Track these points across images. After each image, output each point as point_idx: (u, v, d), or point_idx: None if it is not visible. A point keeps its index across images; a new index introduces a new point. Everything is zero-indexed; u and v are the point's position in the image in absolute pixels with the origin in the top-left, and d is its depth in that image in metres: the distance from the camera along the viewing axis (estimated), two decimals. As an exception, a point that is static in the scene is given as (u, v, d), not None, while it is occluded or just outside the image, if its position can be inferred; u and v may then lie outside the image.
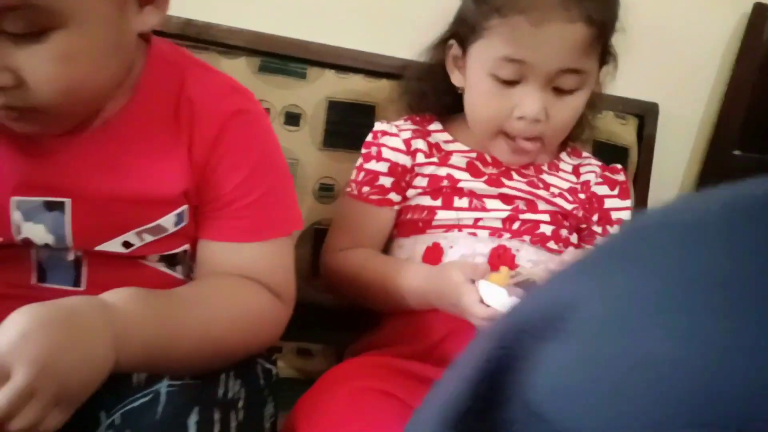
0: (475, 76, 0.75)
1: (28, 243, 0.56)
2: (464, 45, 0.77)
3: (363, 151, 0.84)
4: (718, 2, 1.10)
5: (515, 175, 0.81)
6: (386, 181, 0.81)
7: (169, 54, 0.61)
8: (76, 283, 0.58)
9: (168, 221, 0.59)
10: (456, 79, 0.81)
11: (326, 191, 0.93)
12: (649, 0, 1.01)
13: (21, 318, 0.43)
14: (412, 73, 0.87)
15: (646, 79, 1.08)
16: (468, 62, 0.77)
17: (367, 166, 0.82)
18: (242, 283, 0.59)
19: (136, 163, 0.57)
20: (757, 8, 1.07)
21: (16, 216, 0.55)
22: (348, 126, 0.96)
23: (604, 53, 0.75)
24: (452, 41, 0.79)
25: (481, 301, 0.65)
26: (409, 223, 0.82)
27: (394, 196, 0.81)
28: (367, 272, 0.77)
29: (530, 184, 0.81)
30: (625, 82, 0.86)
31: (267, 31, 0.95)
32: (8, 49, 0.46)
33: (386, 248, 0.85)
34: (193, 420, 0.51)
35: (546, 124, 0.74)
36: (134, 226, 0.58)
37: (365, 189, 0.81)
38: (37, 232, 0.56)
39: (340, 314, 0.90)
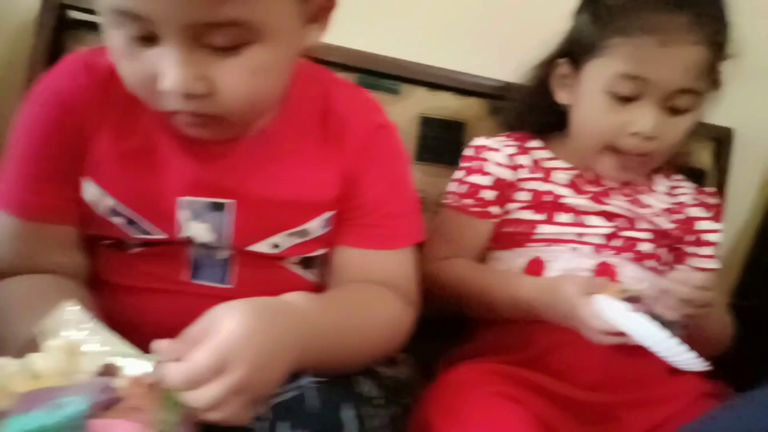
0: (589, 92, 0.78)
1: (187, 241, 0.59)
2: (577, 63, 0.80)
3: (463, 164, 0.87)
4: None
5: (615, 194, 0.83)
6: (488, 194, 0.83)
7: (311, 70, 0.65)
8: (225, 281, 0.61)
9: (315, 225, 0.63)
10: (561, 97, 0.83)
11: (417, 203, 0.96)
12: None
13: (245, 317, 0.45)
14: (514, 92, 0.90)
15: (722, 103, 1.10)
16: (581, 79, 0.79)
17: (469, 179, 0.85)
18: (384, 292, 0.62)
19: (290, 170, 0.61)
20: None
21: (182, 215, 0.59)
22: (438, 141, 0.99)
23: (714, 79, 0.78)
24: (561, 60, 0.82)
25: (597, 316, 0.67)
26: (507, 236, 0.84)
27: (494, 209, 0.84)
28: (471, 281, 0.79)
29: (630, 202, 0.83)
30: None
31: (363, 48, 0.99)
32: (208, 59, 0.49)
33: (481, 261, 0.87)
34: (347, 414, 0.53)
35: (657, 141, 0.77)
36: (286, 228, 0.61)
37: (466, 201, 0.84)
38: (200, 231, 0.59)
39: (424, 324, 0.92)
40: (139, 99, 0.57)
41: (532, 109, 0.88)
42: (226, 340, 0.44)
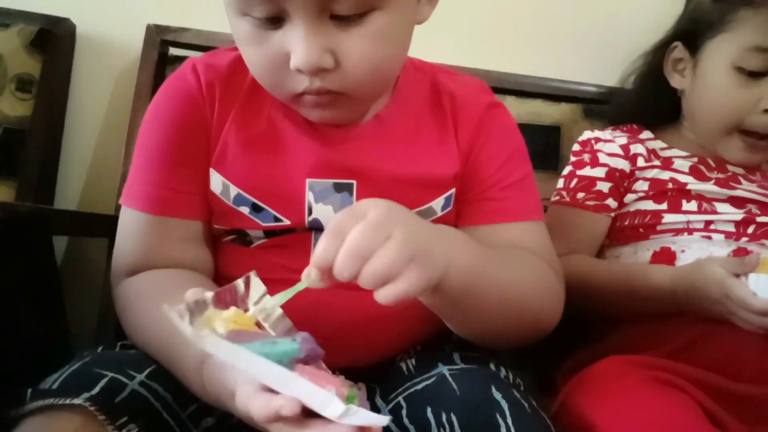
0: (713, 71, 0.75)
1: (313, 226, 0.58)
2: (695, 44, 0.77)
3: (573, 158, 0.83)
4: None
5: (743, 180, 0.78)
6: (604, 186, 0.79)
7: (415, 61, 0.67)
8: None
9: (438, 204, 0.61)
10: (677, 81, 0.80)
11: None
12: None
13: (377, 201, 0.45)
14: (616, 95, 0.88)
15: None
16: (702, 59, 0.76)
17: (581, 172, 0.81)
18: (533, 255, 0.58)
19: (411, 149, 0.60)
20: None
21: (309, 197, 0.58)
22: (535, 146, 0.97)
23: None
24: (677, 43, 0.79)
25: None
26: (627, 230, 0.79)
27: (611, 202, 0.79)
28: (598, 275, 0.74)
29: (761, 186, 0.77)
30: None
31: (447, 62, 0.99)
32: (333, 32, 0.49)
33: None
34: (498, 395, 0.48)
35: None
36: (410, 207, 0.58)
37: (580, 195, 0.80)
38: (326, 213, 0.58)
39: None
40: (261, 89, 0.57)
41: (642, 99, 0.84)
42: (377, 210, 0.43)
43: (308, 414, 0.38)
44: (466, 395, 0.49)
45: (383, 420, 0.36)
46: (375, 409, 0.55)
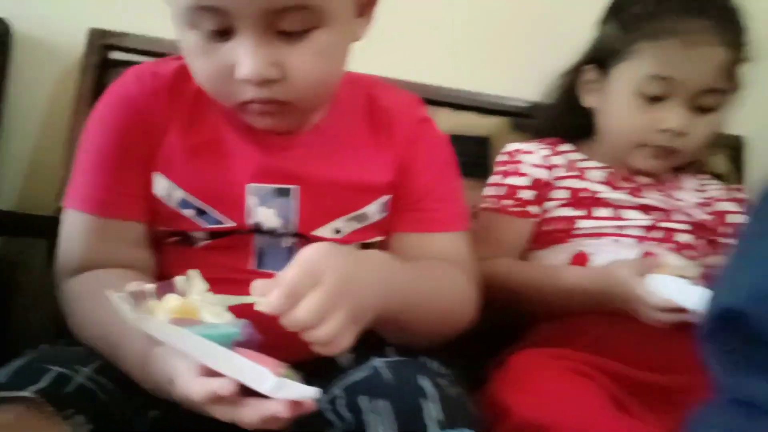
0: (618, 94, 0.83)
1: (255, 228, 0.61)
2: (604, 68, 0.85)
3: (499, 168, 0.90)
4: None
5: (650, 190, 0.86)
6: (526, 194, 0.86)
7: (353, 75, 0.70)
8: (290, 269, 0.63)
9: (373, 209, 0.65)
10: (589, 101, 0.88)
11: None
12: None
13: (319, 245, 0.48)
14: (541, 109, 0.95)
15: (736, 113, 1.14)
16: (610, 83, 0.84)
17: (506, 181, 0.87)
18: (450, 265, 0.64)
19: (347, 157, 0.65)
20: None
21: (251, 201, 0.61)
22: (465, 157, 1.02)
23: (736, 79, 0.82)
24: (588, 66, 0.87)
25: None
26: (547, 235, 0.86)
27: (533, 209, 0.86)
28: (519, 277, 0.81)
29: (665, 196, 0.86)
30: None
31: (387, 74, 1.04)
32: (278, 46, 0.54)
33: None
34: (425, 382, 0.53)
35: (686, 138, 0.80)
36: (346, 212, 0.63)
37: (505, 202, 0.86)
38: (268, 216, 0.61)
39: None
40: (206, 97, 0.60)
41: (561, 115, 0.92)
42: (312, 254, 0.47)
43: (246, 394, 0.41)
44: (396, 383, 0.53)
45: (314, 391, 0.40)
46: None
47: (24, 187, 0.98)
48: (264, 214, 0.61)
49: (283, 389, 0.40)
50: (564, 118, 0.92)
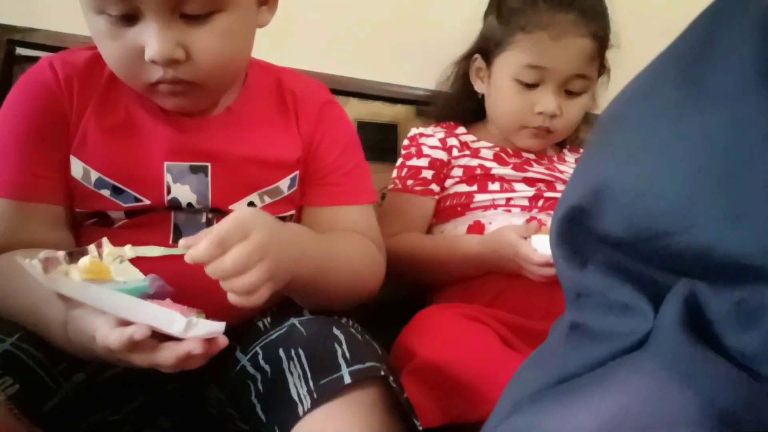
0: (500, 81, 0.92)
1: (172, 205, 0.65)
2: (488, 58, 0.94)
3: (403, 152, 0.98)
4: (652, 29, 1.32)
5: (534, 164, 0.97)
6: (428, 174, 0.94)
7: (262, 63, 0.77)
8: (207, 242, 0.67)
9: (284, 184, 0.71)
10: (479, 86, 0.97)
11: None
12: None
13: (250, 208, 0.55)
14: (438, 97, 1.04)
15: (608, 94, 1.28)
16: (493, 71, 0.94)
17: (409, 163, 0.95)
18: (357, 235, 0.70)
19: (258, 136, 0.70)
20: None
21: (167, 178, 0.65)
22: (375, 142, 1.10)
23: (601, 65, 0.94)
24: (476, 56, 0.96)
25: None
26: (448, 209, 0.94)
27: (434, 187, 0.94)
28: (423, 248, 0.89)
29: (548, 169, 0.96)
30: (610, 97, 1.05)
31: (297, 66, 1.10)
32: (183, 29, 0.58)
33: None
34: (337, 331, 0.59)
35: (559, 119, 0.91)
36: (259, 187, 0.68)
37: (409, 182, 0.94)
38: (183, 192, 0.65)
39: (381, 309, 0.99)
40: (118, 82, 0.64)
41: (457, 101, 1.01)
42: (244, 213, 0.52)
43: (162, 340, 0.46)
44: (310, 334, 0.60)
45: (221, 325, 0.45)
46: (235, 361, 0.64)
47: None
48: (180, 190, 0.65)
49: (193, 329, 0.44)
50: (458, 104, 1.01)
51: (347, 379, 0.53)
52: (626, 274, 0.36)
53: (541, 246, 0.78)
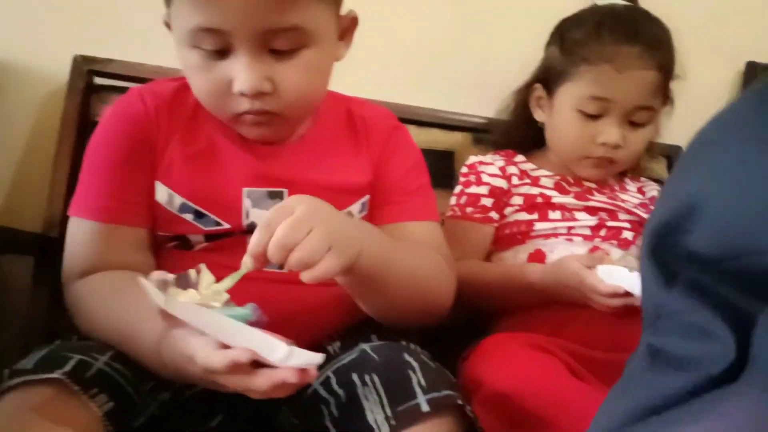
0: (562, 111, 0.93)
1: (250, 229, 0.68)
2: (550, 87, 0.95)
3: (462, 179, 0.99)
4: (715, 60, 1.31)
5: (595, 193, 0.97)
6: (487, 202, 0.95)
7: (332, 93, 0.79)
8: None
9: (355, 208, 0.73)
10: (539, 115, 0.98)
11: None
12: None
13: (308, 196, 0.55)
14: (496, 124, 1.05)
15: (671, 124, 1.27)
16: (555, 101, 0.94)
17: (468, 190, 0.96)
18: (427, 247, 0.71)
19: (331, 163, 0.72)
20: (750, 66, 1.30)
21: (246, 203, 0.67)
22: (430, 169, 1.11)
23: (665, 96, 0.94)
24: (537, 85, 0.97)
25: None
26: (507, 237, 0.95)
27: (493, 215, 0.95)
28: (484, 276, 0.89)
29: (610, 198, 0.96)
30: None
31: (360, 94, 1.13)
32: (271, 63, 0.61)
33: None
34: (409, 358, 0.60)
35: (622, 149, 0.91)
36: None
37: (469, 209, 0.95)
38: (261, 217, 0.67)
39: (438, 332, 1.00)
40: (202, 112, 0.67)
41: (515, 129, 1.02)
42: (288, 199, 0.55)
43: (255, 367, 0.48)
44: (383, 360, 0.60)
45: (320, 357, 0.47)
46: (307, 385, 0.65)
47: (6, 207, 1.01)
48: (258, 215, 0.68)
49: (293, 357, 0.46)
50: (518, 132, 1.02)
51: (425, 408, 0.54)
52: (708, 297, 0.36)
53: (608, 276, 0.77)
